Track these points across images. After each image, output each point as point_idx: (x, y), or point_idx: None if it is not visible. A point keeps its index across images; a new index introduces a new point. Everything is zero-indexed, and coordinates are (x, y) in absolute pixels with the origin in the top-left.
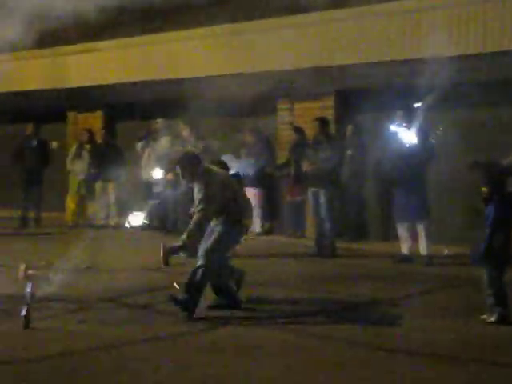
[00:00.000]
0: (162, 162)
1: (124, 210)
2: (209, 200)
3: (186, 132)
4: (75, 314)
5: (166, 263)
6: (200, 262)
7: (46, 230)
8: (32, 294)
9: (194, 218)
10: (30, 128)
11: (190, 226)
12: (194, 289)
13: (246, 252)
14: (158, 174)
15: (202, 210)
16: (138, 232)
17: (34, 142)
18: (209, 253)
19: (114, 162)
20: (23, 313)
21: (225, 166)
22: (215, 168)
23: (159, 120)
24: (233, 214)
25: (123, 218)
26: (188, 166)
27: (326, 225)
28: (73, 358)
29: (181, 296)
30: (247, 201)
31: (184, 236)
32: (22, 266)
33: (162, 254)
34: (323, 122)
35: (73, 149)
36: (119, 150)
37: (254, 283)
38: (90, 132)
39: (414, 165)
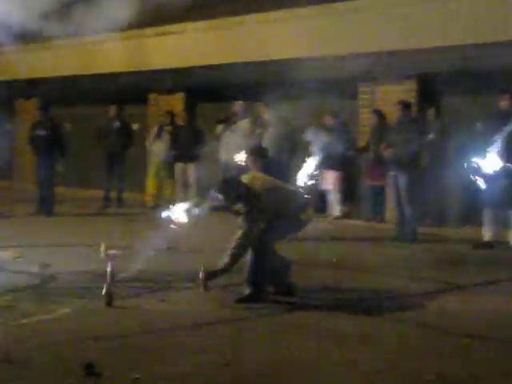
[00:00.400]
0: (241, 145)
1: (203, 191)
2: (259, 212)
3: (266, 115)
4: (156, 293)
5: (205, 288)
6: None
7: (128, 211)
8: (113, 273)
9: (240, 236)
10: (112, 110)
11: (235, 249)
12: (257, 278)
13: (325, 236)
14: (237, 156)
15: (251, 224)
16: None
17: (117, 124)
18: (264, 242)
19: (194, 143)
20: (105, 291)
21: (266, 155)
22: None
23: (239, 102)
24: (286, 216)
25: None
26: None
27: (406, 209)
28: (153, 337)
29: (247, 291)
30: (299, 193)
31: (227, 260)
32: (103, 246)
33: (201, 278)
34: (405, 106)
35: (153, 130)
36: (200, 132)
37: (332, 267)
38: (172, 114)
39: None
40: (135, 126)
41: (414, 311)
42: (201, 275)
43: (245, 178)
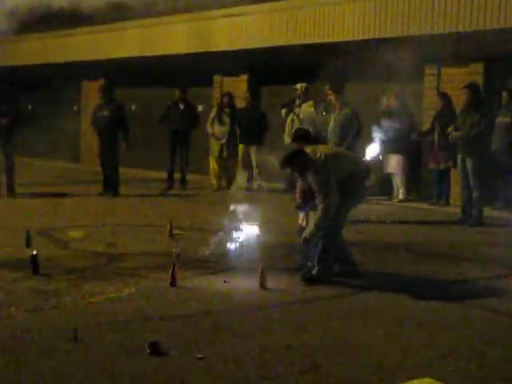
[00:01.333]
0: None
1: (266, 173)
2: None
3: (330, 98)
4: (220, 274)
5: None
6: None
7: (192, 192)
8: (178, 254)
9: (317, 220)
10: (177, 92)
11: (314, 227)
12: (325, 256)
13: (388, 218)
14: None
15: (323, 206)
16: (280, 195)
17: (182, 106)
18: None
19: (257, 125)
20: (170, 271)
21: (311, 139)
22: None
23: (302, 84)
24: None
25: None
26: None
27: (473, 193)
28: (215, 317)
29: (313, 270)
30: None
31: (307, 234)
32: (169, 226)
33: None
34: (473, 89)
35: (213, 112)
36: (263, 114)
37: (395, 250)
38: (230, 95)
39: None
40: (200, 108)
41: (479, 296)
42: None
43: (308, 149)
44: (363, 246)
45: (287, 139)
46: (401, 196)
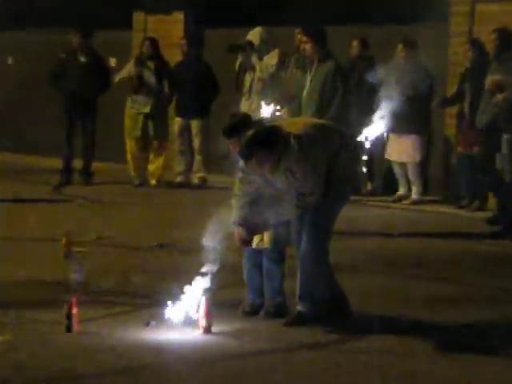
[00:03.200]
0: (270, 91)
1: (214, 162)
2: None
3: (308, 46)
4: (141, 312)
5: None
6: (307, 252)
7: (99, 189)
8: (78, 283)
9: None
10: (76, 37)
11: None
12: (314, 291)
13: (398, 229)
14: (264, 109)
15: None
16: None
17: (83, 58)
18: (317, 238)
19: (201, 88)
20: (65, 309)
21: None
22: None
23: (260, 28)
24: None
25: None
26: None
27: None
28: (133, 378)
29: (305, 309)
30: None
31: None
32: (64, 241)
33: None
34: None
35: (127, 68)
36: (209, 71)
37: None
38: (153, 42)
39: None
40: (112, 62)
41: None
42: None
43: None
44: (362, 272)
45: (246, 108)
46: (414, 195)
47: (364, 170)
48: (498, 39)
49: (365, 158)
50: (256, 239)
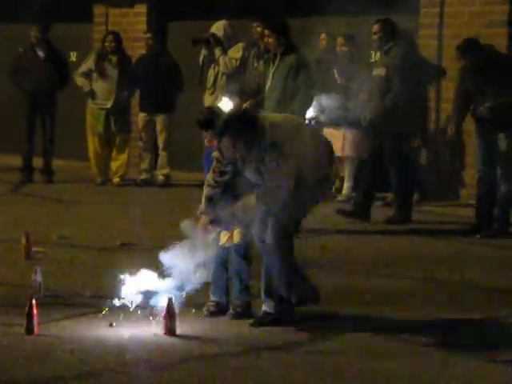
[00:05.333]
0: (234, 85)
1: (180, 158)
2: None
3: (271, 39)
4: (103, 314)
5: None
6: (272, 249)
7: (61, 188)
8: (39, 284)
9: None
10: (34, 30)
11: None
12: (285, 290)
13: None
14: (226, 104)
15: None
16: (197, 192)
17: (42, 53)
18: (281, 232)
19: (166, 83)
20: (26, 311)
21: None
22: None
23: (224, 21)
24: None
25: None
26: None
27: (501, 188)
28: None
29: (271, 309)
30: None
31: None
32: (25, 241)
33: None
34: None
35: (89, 62)
36: (174, 65)
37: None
38: (115, 36)
39: None
40: (73, 57)
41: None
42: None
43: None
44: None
45: (210, 103)
46: (345, 191)
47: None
48: (380, 30)
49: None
50: (224, 236)
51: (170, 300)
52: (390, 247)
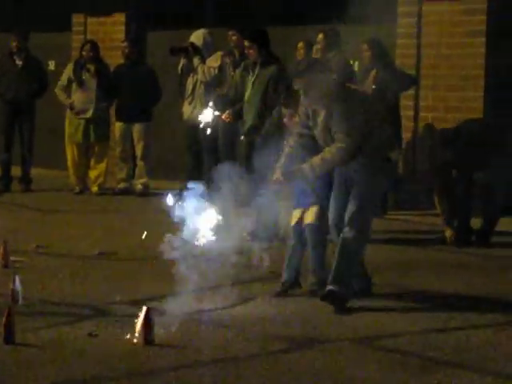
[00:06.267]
0: (212, 94)
1: (156, 168)
2: (353, 132)
3: (252, 50)
4: (83, 322)
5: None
6: (349, 229)
7: (39, 196)
8: (16, 293)
9: (328, 155)
10: (12, 39)
11: (319, 161)
12: (347, 270)
13: None
14: (207, 114)
15: (342, 146)
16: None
17: (20, 61)
18: (362, 215)
19: (144, 92)
20: (4, 320)
21: None
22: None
23: (203, 30)
24: (376, 148)
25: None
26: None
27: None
28: None
29: (335, 288)
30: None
31: (308, 166)
32: (2, 250)
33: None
34: None
35: (67, 71)
36: (152, 75)
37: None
38: (93, 45)
39: None
40: (51, 65)
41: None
42: None
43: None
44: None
45: (188, 112)
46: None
47: None
48: (324, 39)
49: None
50: (295, 216)
51: (147, 309)
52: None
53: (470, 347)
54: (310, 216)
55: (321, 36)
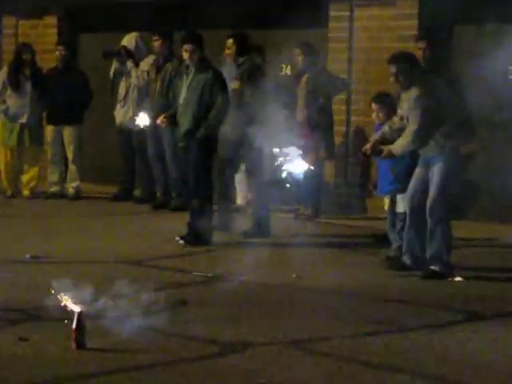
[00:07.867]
0: (145, 98)
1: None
2: (432, 121)
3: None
4: (14, 327)
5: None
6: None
7: None
8: None
9: (404, 141)
10: None
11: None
12: (445, 250)
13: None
14: (142, 118)
15: (419, 134)
16: (113, 206)
17: None
18: (443, 202)
19: (75, 95)
20: None
21: None
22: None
23: (135, 33)
24: (456, 138)
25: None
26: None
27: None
28: None
29: (438, 268)
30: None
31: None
32: None
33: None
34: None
35: (2, 76)
36: (83, 78)
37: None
38: (31, 48)
39: None
40: None
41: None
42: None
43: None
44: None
45: (121, 116)
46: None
47: None
48: (233, 45)
49: None
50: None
51: (79, 313)
52: None
53: (401, 350)
54: (400, 206)
55: (230, 41)
